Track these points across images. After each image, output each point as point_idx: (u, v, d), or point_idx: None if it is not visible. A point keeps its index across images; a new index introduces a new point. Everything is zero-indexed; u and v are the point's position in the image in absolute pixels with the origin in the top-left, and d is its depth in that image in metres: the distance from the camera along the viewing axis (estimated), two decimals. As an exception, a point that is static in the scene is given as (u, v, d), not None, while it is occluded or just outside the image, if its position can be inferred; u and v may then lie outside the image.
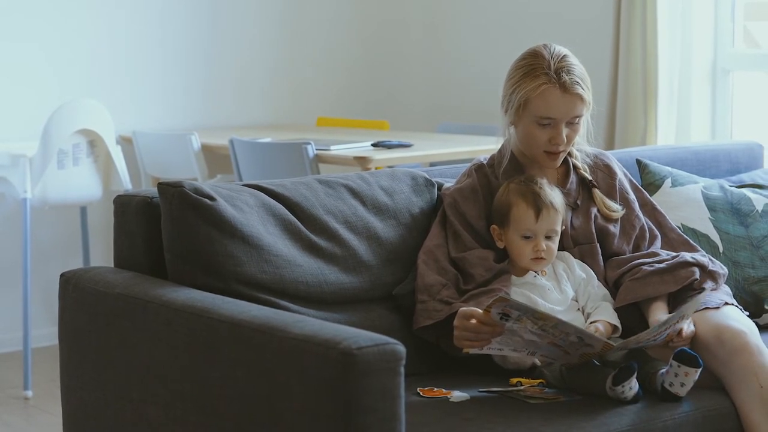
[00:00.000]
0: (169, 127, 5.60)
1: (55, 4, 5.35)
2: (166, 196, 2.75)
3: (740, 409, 2.69)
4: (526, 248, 2.87)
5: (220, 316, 2.45)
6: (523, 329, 2.57)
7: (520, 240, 2.87)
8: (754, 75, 5.39)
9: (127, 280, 2.72)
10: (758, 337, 2.74)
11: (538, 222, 2.85)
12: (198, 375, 2.47)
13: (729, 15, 5.15)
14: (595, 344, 2.58)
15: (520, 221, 2.86)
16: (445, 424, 2.51)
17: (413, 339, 2.83)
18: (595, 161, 3.07)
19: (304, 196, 2.91)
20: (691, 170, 3.57)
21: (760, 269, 3.31)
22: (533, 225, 2.86)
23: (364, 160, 4.49)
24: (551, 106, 2.87)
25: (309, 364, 2.24)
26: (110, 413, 2.70)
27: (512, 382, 2.73)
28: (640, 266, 2.92)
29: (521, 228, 2.87)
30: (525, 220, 2.86)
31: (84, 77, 5.44)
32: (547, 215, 2.86)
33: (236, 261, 2.73)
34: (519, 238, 2.87)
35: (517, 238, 2.88)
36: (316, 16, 6.05)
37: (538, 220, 2.85)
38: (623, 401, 2.61)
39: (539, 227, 2.86)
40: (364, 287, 2.90)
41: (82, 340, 2.76)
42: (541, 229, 2.86)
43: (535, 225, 2.85)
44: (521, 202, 2.86)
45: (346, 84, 6.17)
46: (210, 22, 5.76)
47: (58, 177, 4.77)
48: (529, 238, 2.86)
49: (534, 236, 2.86)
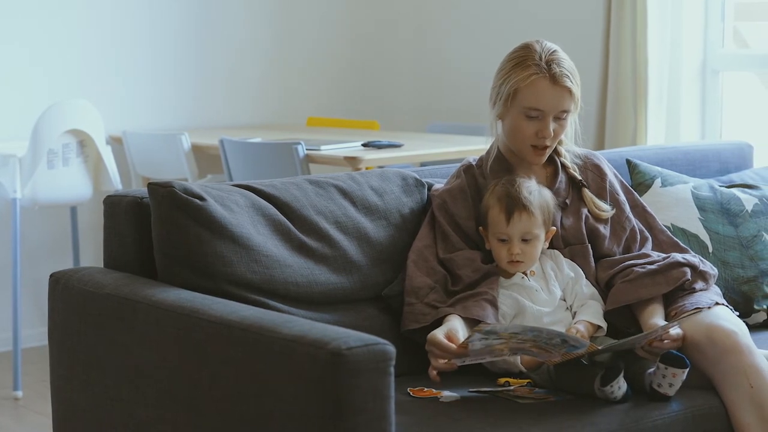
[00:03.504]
0: (160, 127, 5.59)
1: (45, 4, 5.34)
2: (156, 196, 2.74)
3: (730, 408, 2.69)
4: (502, 251, 2.87)
5: (210, 317, 2.44)
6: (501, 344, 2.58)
7: (497, 243, 2.88)
8: (744, 75, 5.39)
9: (117, 281, 2.72)
10: (748, 337, 2.75)
11: (509, 225, 2.85)
12: (187, 375, 2.47)
13: (719, 15, 5.16)
14: (580, 347, 2.58)
15: (495, 225, 2.87)
16: (434, 425, 2.51)
17: (403, 339, 2.83)
18: (585, 162, 3.07)
19: (294, 197, 2.91)
20: (681, 170, 3.57)
21: (750, 269, 3.31)
22: (505, 228, 2.86)
23: (355, 160, 4.49)
24: (540, 97, 2.88)
25: (298, 364, 2.24)
26: (100, 413, 2.70)
27: (500, 382, 2.74)
28: (632, 267, 2.92)
29: (495, 231, 2.87)
30: (498, 224, 2.86)
31: (74, 77, 5.43)
32: (519, 219, 2.85)
33: (226, 261, 2.72)
34: (495, 241, 2.88)
35: (494, 241, 2.88)
36: (306, 17, 6.05)
37: (509, 224, 2.85)
38: (612, 401, 2.62)
39: (511, 230, 2.85)
40: (353, 287, 2.90)
41: (72, 340, 2.76)
42: (514, 232, 2.85)
43: (506, 228, 2.85)
44: (495, 205, 2.87)
45: (337, 84, 6.17)
46: (200, 22, 5.76)
47: (48, 177, 4.77)
48: (504, 241, 2.87)
49: (508, 239, 2.86)
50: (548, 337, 2.55)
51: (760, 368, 2.68)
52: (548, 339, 2.56)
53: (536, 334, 2.54)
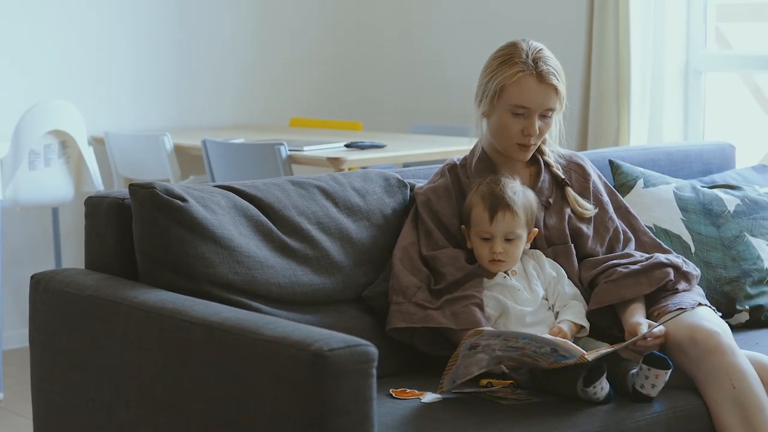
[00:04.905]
0: (142, 127, 5.58)
1: (26, 4, 5.32)
2: (137, 197, 2.74)
3: (712, 409, 2.70)
4: (484, 250, 2.87)
5: (192, 318, 2.44)
6: (490, 351, 2.58)
7: (480, 242, 2.88)
8: (726, 76, 5.41)
9: (98, 282, 2.71)
10: (731, 338, 2.75)
11: (492, 224, 2.85)
12: (169, 377, 2.46)
13: (701, 16, 5.17)
14: (570, 357, 2.58)
15: (478, 223, 2.87)
16: (417, 426, 2.51)
17: (386, 340, 2.83)
18: (569, 162, 3.07)
19: (276, 197, 2.91)
20: (664, 171, 3.58)
21: (732, 269, 3.32)
22: (488, 227, 2.86)
23: (337, 161, 4.49)
24: (526, 95, 2.88)
25: (281, 365, 2.24)
26: (81, 415, 2.69)
27: (483, 383, 2.73)
28: (615, 267, 2.92)
29: (478, 230, 2.88)
30: (481, 222, 2.87)
31: (56, 78, 5.41)
32: (503, 217, 2.85)
33: (208, 262, 2.72)
34: (478, 239, 2.88)
35: (477, 240, 2.88)
36: (289, 17, 6.05)
37: (492, 222, 2.85)
38: (595, 402, 2.62)
39: (494, 229, 2.85)
40: (336, 288, 2.89)
41: (53, 341, 2.75)
42: (497, 231, 2.86)
43: (490, 227, 2.86)
44: (479, 204, 2.87)
45: (320, 85, 6.17)
46: (182, 23, 5.74)
47: (30, 178, 4.75)
48: (487, 239, 2.87)
49: (491, 238, 2.86)
50: (538, 346, 2.55)
51: (743, 369, 2.69)
52: (538, 348, 2.55)
53: (527, 342, 2.54)
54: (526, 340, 2.54)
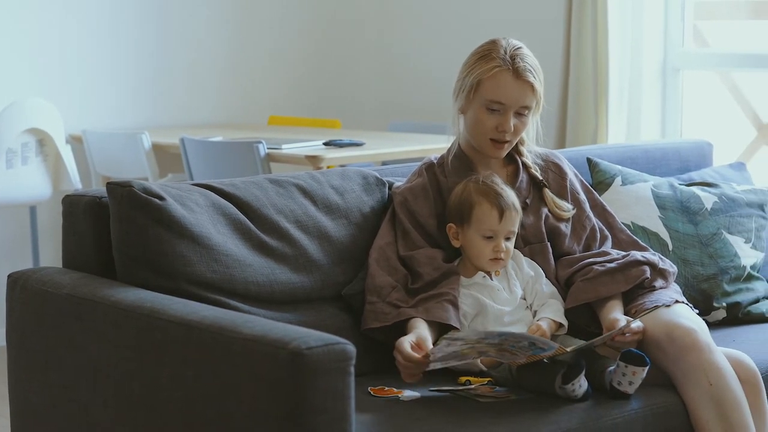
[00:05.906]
0: (120, 126, 5.56)
1: (3, 3, 5.30)
2: (115, 195, 2.73)
3: (689, 406, 2.70)
4: (486, 248, 2.87)
5: (170, 317, 2.43)
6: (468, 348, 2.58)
7: (481, 240, 2.87)
8: (704, 74, 5.43)
9: (76, 281, 2.70)
10: (708, 335, 2.76)
11: (501, 222, 2.85)
12: (147, 376, 2.46)
13: (679, 14, 5.18)
14: (547, 349, 2.58)
15: (483, 221, 2.86)
16: (395, 424, 2.51)
17: (364, 338, 2.83)
18: (546, 161, 3.08)
19: (254, 196, 2.90)
20: (642, 168, 3.59)
21: (709, 267, 3.33)
22: (496, 225, 2.86)
23: (316, 159, 4.48)
24: (502, 90, 2.88)
25: (259, 364, 2.23)
26: (58, 415, 2.68)
27: (461, 381, 2.74)
28: (591, 266, 2.93)
29: (483, 228, 2.86)
30: (488, 221, 2.86)
31: (33, 76, 5.39)
32: (509, 216, 2.86)
33: (186, 261, 2.71)
34: (479, 237, 2.87)
35: (477, 238, 2.87)
36: (266, 15, 6.04)
37: (501, 221, 2.85)
38: (573, 399, 2.62)
39: (501, 228, 2.86)
40: (314, 287, 2.89)
41: (30, 341, 2.74)
42: (503, 229, 2.86)
43: (498, 225, 2.85)
44: (484, 202, 2.86)
45: (298, 83, 6.16)
46: (160, 20, 5.73)
47: (7, 176, 4.73)
48: (490, 238, 2.86)
49: (495, 236, 2.86)
50: (515, 341, 2.55)
51: (720, 366, 2.70)
52: (515, 342, 2.56)
53: (504, 338, 2.54)
54: (502, 337, 2.54)
